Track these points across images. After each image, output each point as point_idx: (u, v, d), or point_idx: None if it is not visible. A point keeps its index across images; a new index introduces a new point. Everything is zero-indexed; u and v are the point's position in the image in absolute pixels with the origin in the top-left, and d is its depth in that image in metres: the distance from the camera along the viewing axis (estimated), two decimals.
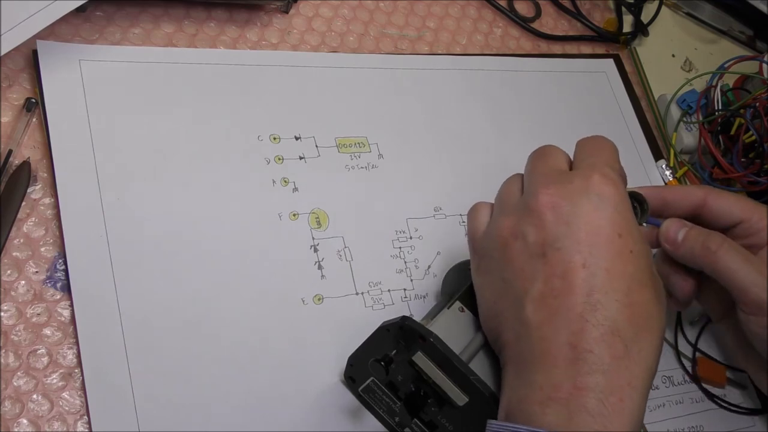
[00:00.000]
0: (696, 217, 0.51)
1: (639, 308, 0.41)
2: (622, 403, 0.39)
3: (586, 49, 0.76)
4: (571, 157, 0.47)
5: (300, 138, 0.58)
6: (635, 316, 0.41)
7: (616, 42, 0.77)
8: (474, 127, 0.65)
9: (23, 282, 0.48)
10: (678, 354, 0.62)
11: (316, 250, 0.55)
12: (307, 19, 0.64)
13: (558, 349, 0.40)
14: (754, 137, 0.66)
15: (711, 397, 0.61)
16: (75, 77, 0.53)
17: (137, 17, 0.58)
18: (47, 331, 0.47)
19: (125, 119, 0.53)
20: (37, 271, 0.48)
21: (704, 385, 0.61)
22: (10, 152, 0.50)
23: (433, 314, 0.51)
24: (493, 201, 0.48)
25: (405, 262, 0.57)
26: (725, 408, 0.61)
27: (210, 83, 0.57)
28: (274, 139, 0.57)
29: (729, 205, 0.50)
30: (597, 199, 0.42)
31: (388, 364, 0.45)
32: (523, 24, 0.73)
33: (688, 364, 0.61)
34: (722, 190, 0.52)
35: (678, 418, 0.59)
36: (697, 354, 0.62)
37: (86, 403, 0.45)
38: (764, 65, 0.70)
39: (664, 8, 0.80)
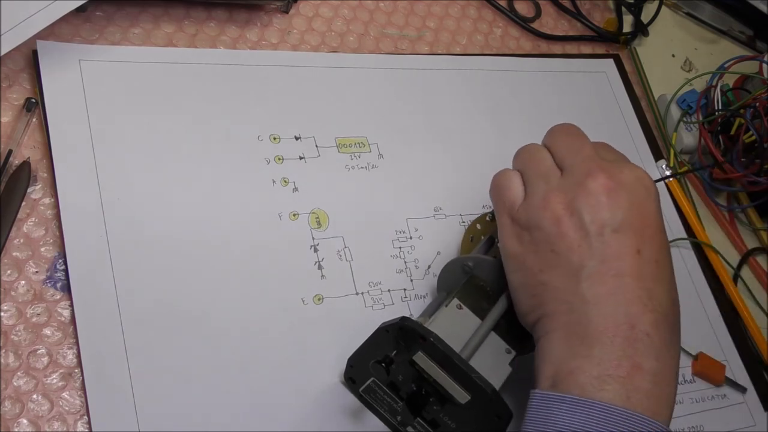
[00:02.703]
0: None
1: (675, 305, 0.44)
2: (669, 388, 0.42)
3: (586, 49, 0.76)
4: None
5: (300, 138, 0.58)
6: (675, 311, 0.44)
7: (616, 42, 0.77)
8: (474, 127, 0.65)
9: (23, 282, 0.48)
10: None
11: (316, 250, 0.54)
12: (307, 19, 0.64)
13: (617, 326, 0.42)
14: (754, 137, 0.66)
15: None
16: (75, 77, 0.53)
17: (137, 17, 0.58)
18: (47, 331, 0.47)
19: (125, 119, 0.53)
20: (37, 271, 0.48)
21: (702, 383, 0.61)
22: (10, 152, 0.50)
23: (430, 312, 0.51)
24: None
25: (405, 262, 0.57)
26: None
27: (210, 83, 0.57)
28: (274, 139, 0.57)
29: None
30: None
31: (389, 365, 0.45)
32: (523, 24, 0.73)
33: (687, 360, 0.62)
34: None
35: (678, 418, 0.59)
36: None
37: (86, 403, 0.45)
38: (764, 65, 0.70)
39: (664, 8, 0.80)
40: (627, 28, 0.78)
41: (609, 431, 0.39)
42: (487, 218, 0.55)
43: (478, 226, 0.55)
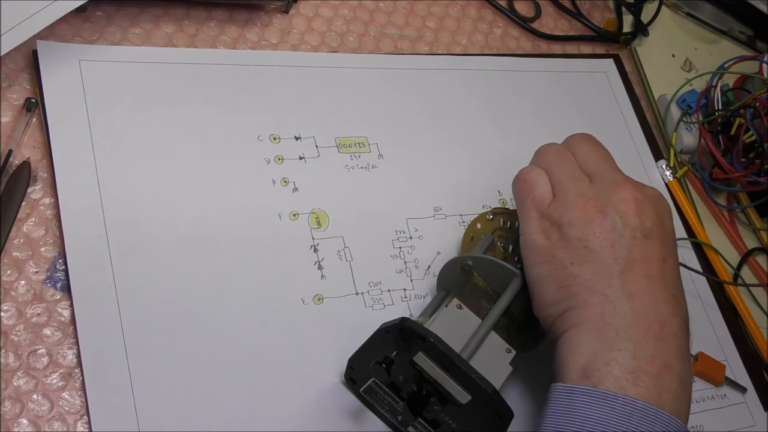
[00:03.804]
0: None
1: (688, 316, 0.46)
2: (689, 391, 0.44)
3: (586, 49, 0.76)
4: None
5: (300, 138, 0.58)
6: (688, 321, 0.46)
7: (616, 42, 0.77)
8: (474, 127, 0.65)
9: (23, 282, 0.48)
10: None
11: (316, 250, 0.54)
12: (307, 19, 0.64)
13: (650, 323, 0.43)
14: (754, 137, 0.66)
15: None
16: (75, 77, 0.53)
17: (137, 17, 0.58)
18: (47, 331, 0.47)
19: (125, 119, 0.53)
20: (37, 271, 0.48)
21: (702, 383, 0.61)
22: (10, 152, 0.50)
23: (430, 311, 0.51)
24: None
25: (405, 262, 0.57)
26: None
27: (210, 83, 0.57)
28: (274, 139, 0.57)
29: None
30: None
31: (389, 366, 0.45)
32: (523, 24, 0.73)
33: None
34: None
35: None
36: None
37: (86, 403, 0.45)
38: (764, 65, 0.70)
39: (664, 8, 0.80)
40: (627, 28, 0.77)
41: (633, 427, 0.40)
42: (488, 217, 0.55)
43: (479, 225, 0.55)
